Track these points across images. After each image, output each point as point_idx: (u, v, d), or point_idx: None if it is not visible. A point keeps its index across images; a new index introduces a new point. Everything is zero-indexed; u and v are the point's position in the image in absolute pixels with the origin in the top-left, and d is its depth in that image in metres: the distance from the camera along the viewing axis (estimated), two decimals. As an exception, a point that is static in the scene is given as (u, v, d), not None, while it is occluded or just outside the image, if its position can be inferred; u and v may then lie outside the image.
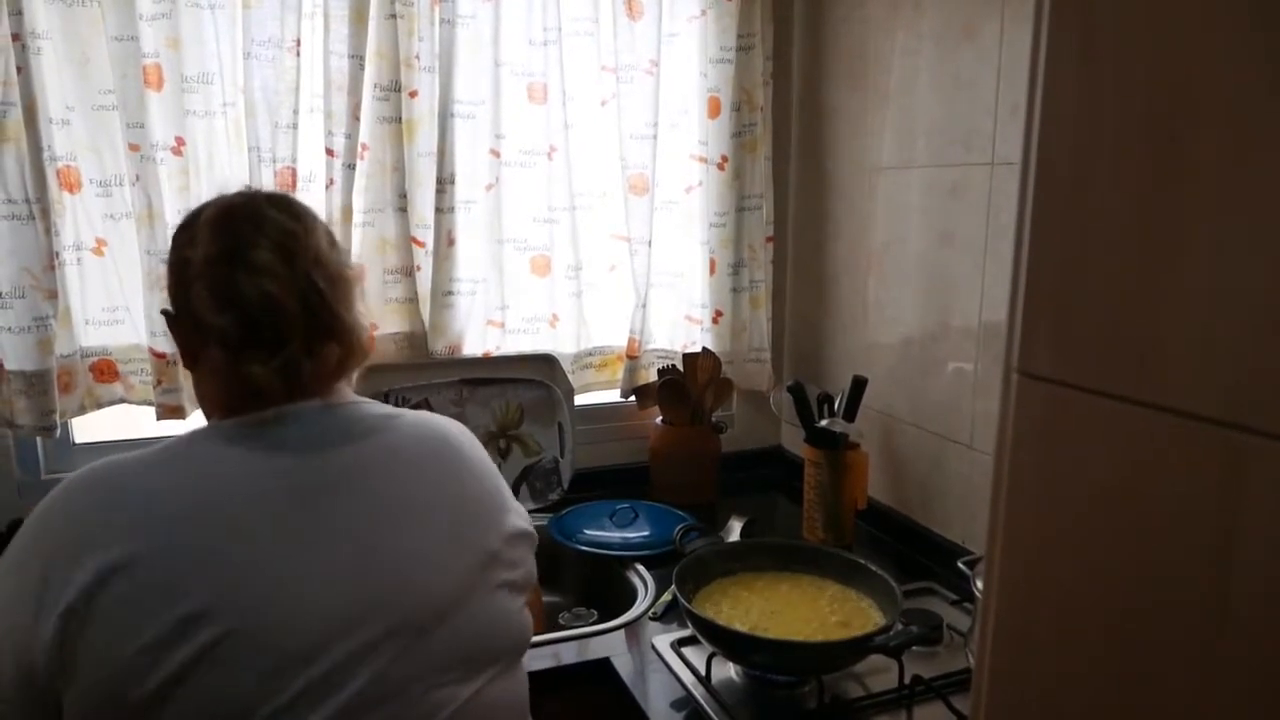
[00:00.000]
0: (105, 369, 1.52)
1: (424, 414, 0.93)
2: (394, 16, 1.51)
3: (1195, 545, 0.45)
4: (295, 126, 1.48)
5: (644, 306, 1.77)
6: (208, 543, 0.71)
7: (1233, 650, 0.44)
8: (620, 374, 1.82)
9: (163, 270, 1.43)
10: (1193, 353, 0.45)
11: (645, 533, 1.59)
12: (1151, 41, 0.47)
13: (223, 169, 1.50)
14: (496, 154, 1.64)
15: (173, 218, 1.46)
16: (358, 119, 1.51)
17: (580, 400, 1.81)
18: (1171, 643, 0.47)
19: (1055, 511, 0.53)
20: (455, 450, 0.89)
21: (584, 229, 1.74)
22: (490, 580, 0.84)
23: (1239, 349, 0.43)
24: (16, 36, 1.31)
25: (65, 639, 0.68)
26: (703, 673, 1.17)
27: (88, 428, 1.58)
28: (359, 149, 1.53)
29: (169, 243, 1.43)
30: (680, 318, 1.86)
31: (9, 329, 1.38)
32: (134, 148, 1.41)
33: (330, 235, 0.87)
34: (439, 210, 1.60)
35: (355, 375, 0.95)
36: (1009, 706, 0.59)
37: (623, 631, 1.31)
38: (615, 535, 1.58)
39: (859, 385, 1.59)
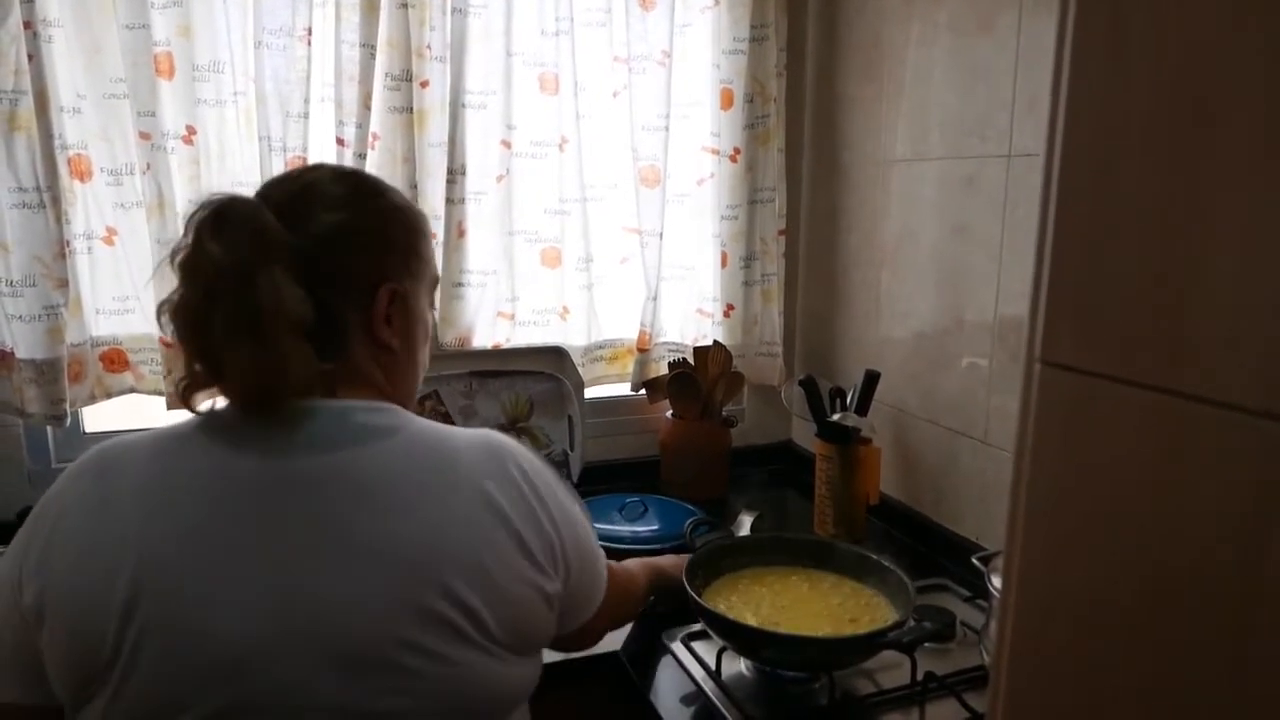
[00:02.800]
0: (115, 358, 1.52)
1: (444, 432, 0.81)
2: (405, 6, 1.51)
3: (1228, 541, 0.44)
4: (306, 116, 1.48)
5: (655, 299, 1.76)
6: (154, 535, 0.72)
7: (1265, 651, 0.43)
8: (631, 367, 1.81)
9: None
10: (1225, 339, 0.43)
11: (655, 526, 1.58)
12: (1183, 25, 0.46)
13: (234, 158, 1.50)
14: (508, 145, 1.63)
15: (183, 207, 1.45)
16: (369, 109, 1.51)
17: (590, 393, 1.80)
18: (1200, 643, 0.45)
19: (1079, 505, 0.52)
20: (443, 483, 0.77)
21: (595, 221, 1.73)
22: (447, 631, 0.73)
23: (1273, 335, 0.41)
24: (28, 24, 1.31)
25: (41, 597, 0.72)
26: (713, 667, 1.16)
27: (98, 417, 1.58)
28: (370, 139, 1.53)
29: (179, 232, 1.45)
30: (691, 311, 1.85)
31: (20, 317, 1.38)
32: (145, 136, 1.41)
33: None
34: (449, 201, 1.60)
35: (400, 380, 0.88)
36: (1028, 705, 0.58)
37: (632, 625, 1.30)
38: (625, 529, 1.57)
39: (871, 379, 1.58)
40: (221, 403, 0.78)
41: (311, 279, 0.76)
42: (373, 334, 0.83)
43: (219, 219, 0.75)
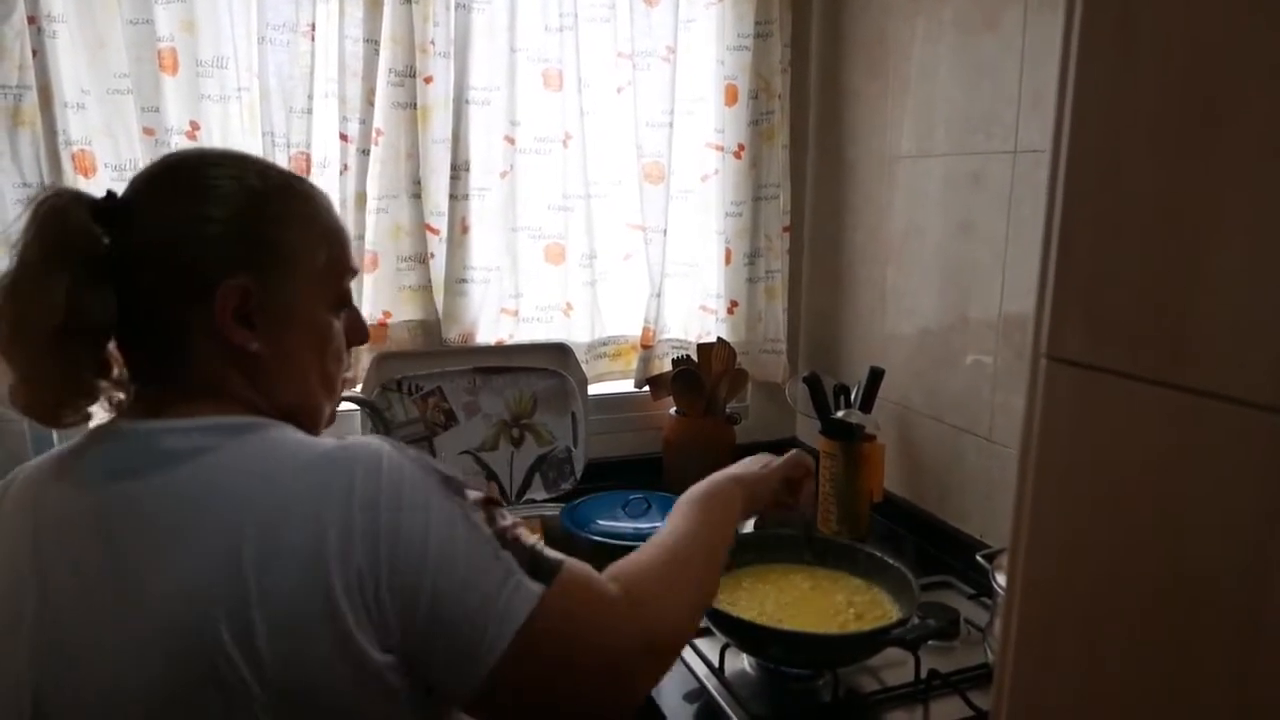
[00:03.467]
0: (120, 354, 1.52)
1: (284, 449, 0.69)
2: (409, 1, 1.50)
3: (1234, 538, 0.43)
4: (310, 111, 1.47)
5: (659, 296, 1.76)
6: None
7: (1273, 647, 0.42)
8: (634, 364, 1.81)
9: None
10: (1232, 334, 0.43)
11: (658, 523, 1.57)
12: (1191, 23, 0.46)
13: (237, 154, 1.50)
14: (511, 141, 1.63)
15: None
16: (372, 104, 1.50)
17: (594, 390, 1.80)
18: (1207, 641, 0.45)
19: (1084, 501, 0.51)
20: (251, 507, 0.64)
21: (599, 217, 1.72)
22: (207, 704, 0.61)
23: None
24: (32, 19, 1.31)
25: None
26: (716, 665, 1.16)
27: (104, 415, 1.58)
28: (373, 134, 1.52)
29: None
30: (695, 308, 1.85)
31: (24, 313, 1.38)
32: (149, 132, 1.41)
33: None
34: (453, 197, 1.59)
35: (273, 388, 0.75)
36: (1032, 703, 0.58)
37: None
38: (628, 526, 1.57)
39: (876, 376, 1.58)
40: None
41: (137, 278, 0.69)
42: (223, 336, 0.71)
43: (30, 218, 0.69)
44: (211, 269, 0.71)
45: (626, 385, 1.84)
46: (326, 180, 1.52)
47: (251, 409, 0.73)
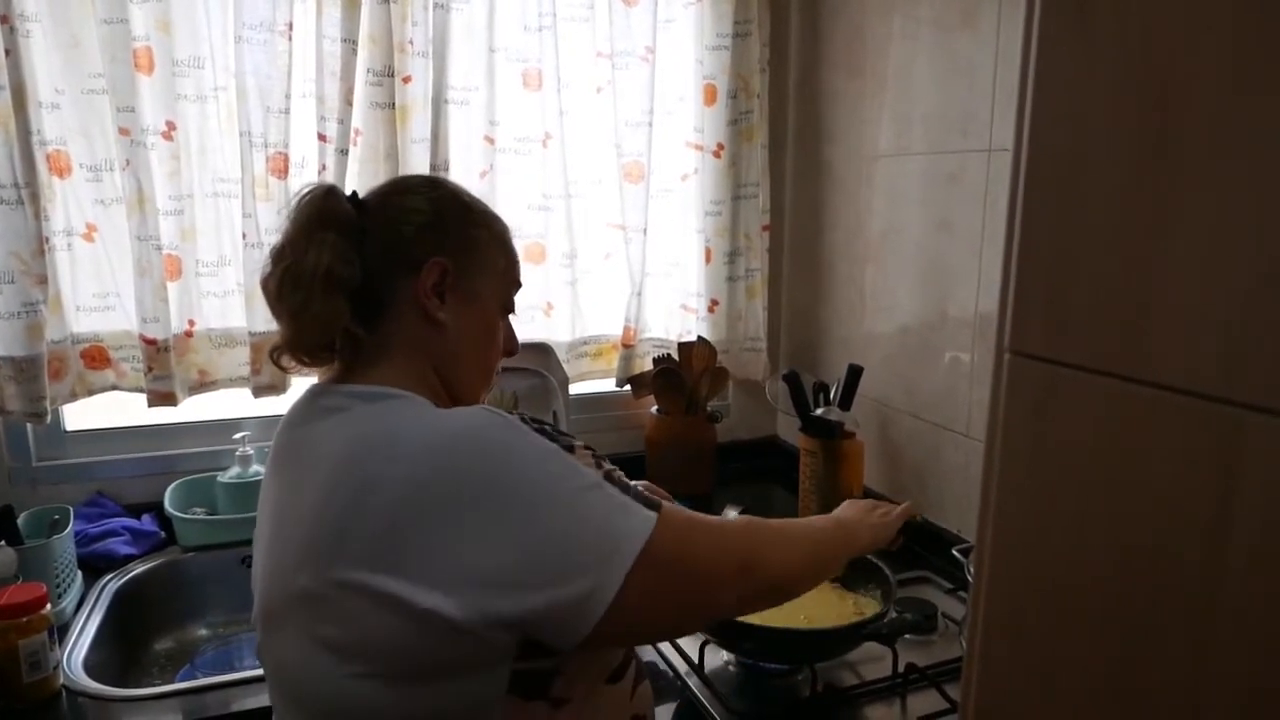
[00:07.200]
0: (96, 355, 1.51)
1: (389, 416, 0.78)
2: (387, 1, 1.50)
3: (1190, 525, 0.44)
4: (287, 111, 1.47)
5: (639, 295, 1.76)
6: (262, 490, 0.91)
7: (1227, 630, 0.43)
8: (615, 363, 1.81)
9: (154, 256, 1.43)
10: (1186, 328, 0.44)
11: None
12: (1146, 22, 0.47)
13: (214, 154, 1.49)
14: (491, 141, 1.63)
15: (163, 203, 1.45)
16: (350, 104, 1.50)
17: (575, 389, 1.80)
18: (1166, 625, 0.46)
19: (1048, 492, 0.52)
20: (350, 461, 0.74)
21: (579, 217, 1.73)
22: (303, 622, 0.75)
23: (1232, 323, 0.42)
24: (5, 19, 1.30)
25: None
26: (695, 661, 1.16)
27: (79, 414, 1.57)
28: (352, 134, 1.52)
29: (160, 228, 1.44)
30: (676, 306, 1.86)
31: (-1, 314, 1.37)
32: (124, 132, 1.40)
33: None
34: (433, 197, 1.59)
35: (412, 362, 0.86)
36: (1001, 692, 0.59)
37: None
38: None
39: (855, 374, 1.59)
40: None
41: (367, 248, 0.84)
42: (419, 304, 0.85)
43: (298, 202, 0.85)
44: (421, 249, 0.86)
45: (608, 384, 1.84)
46: (305, 180, 1.51)
47: (418, 376, 0.86)
